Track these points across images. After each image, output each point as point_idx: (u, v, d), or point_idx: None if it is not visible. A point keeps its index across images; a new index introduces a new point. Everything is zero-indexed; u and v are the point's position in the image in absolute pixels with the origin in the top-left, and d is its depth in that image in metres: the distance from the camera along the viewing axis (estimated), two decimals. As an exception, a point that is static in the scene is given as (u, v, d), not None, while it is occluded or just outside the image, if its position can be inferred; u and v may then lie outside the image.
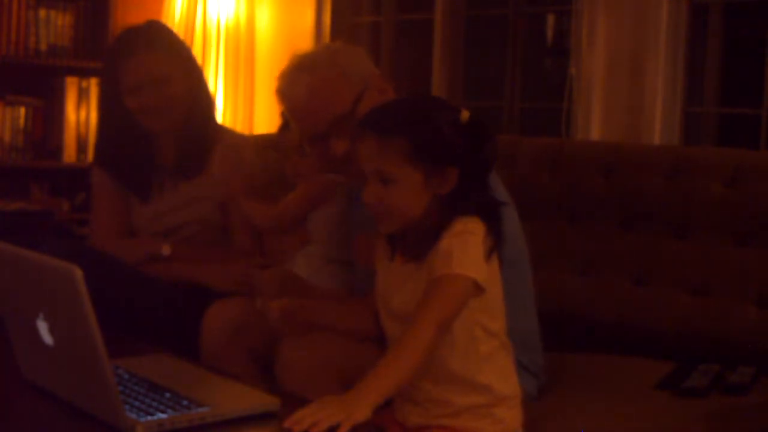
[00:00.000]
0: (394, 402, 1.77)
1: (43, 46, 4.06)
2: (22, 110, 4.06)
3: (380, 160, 1.67)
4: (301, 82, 2.05)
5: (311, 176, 2.32)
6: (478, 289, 1.65)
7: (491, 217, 1.70)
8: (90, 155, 3.80)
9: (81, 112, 4.11)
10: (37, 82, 4.11)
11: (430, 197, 1.68)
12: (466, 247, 1.65)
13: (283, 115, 2.28)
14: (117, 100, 2.55)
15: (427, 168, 1.67)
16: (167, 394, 1.62)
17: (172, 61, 2.55)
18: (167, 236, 2.60)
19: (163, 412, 1.54)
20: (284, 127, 2.40)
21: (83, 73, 4.09)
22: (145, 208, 2.63)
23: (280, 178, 2.54)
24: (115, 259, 2.48)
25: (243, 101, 4.15)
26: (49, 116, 4.12)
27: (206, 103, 2.64)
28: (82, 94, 4.11)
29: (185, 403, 1.58)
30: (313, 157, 2.16)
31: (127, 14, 4.03)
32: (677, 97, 3.13)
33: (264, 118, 4.12)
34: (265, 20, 4.23)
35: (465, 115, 1.69)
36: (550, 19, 3.89)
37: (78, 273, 1.42)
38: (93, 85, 4.08)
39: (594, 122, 3.19)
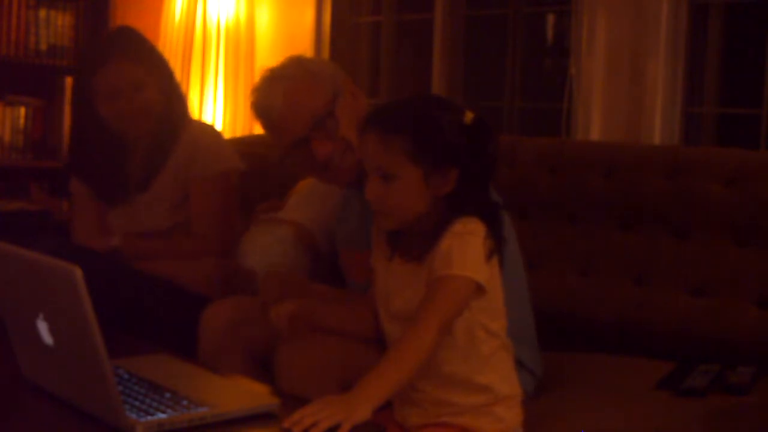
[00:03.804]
0: (393, 403, 1.77)
1: (43, 46, 4.06)
2: (22, 110, 4.06)
3: (382, 157, 1.68)
4: (274, 91, 2.12)
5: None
6: (479, 289, 1.65)
7: (492, 219, 1.70)
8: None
9: (81, 112, 4.11)
10: (37, 82, 4.11)
11: (430, 196, 1.68)
12: (466, 248, 1.65)
13: None
14: (90, 108, 2.57)
15: (428, 167, 1.67)
16: (167, 394, 1.62)
17: (145, 66, 2.57)
18: (147, 237, 2.61)
19: (162, 412, 1.54)
20: None
21: (83, 73, 4.09)
22: (119, 211, 2.66)
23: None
24: (115, 259, 2.48)
25: (243, 101, 4.14)
26: (49, 116, 4.12)
27: (180, 105, 2.66)
28: (82, 94, 4.10)
29: (185, 403, 1.58)
30: (296, 165, 2.20)
31: (127, 14, 4.03)
32: (677, 97, 3.13)
33: (264, 118, 4.12)
34: (265, 20, 4.22)
35: (469, 116, 1.70)
36: (550, 19, 3.89)
37: (78, 273, 1.42)
38: (93, 85, 4.08)
39: (594, 122, 3.19)
